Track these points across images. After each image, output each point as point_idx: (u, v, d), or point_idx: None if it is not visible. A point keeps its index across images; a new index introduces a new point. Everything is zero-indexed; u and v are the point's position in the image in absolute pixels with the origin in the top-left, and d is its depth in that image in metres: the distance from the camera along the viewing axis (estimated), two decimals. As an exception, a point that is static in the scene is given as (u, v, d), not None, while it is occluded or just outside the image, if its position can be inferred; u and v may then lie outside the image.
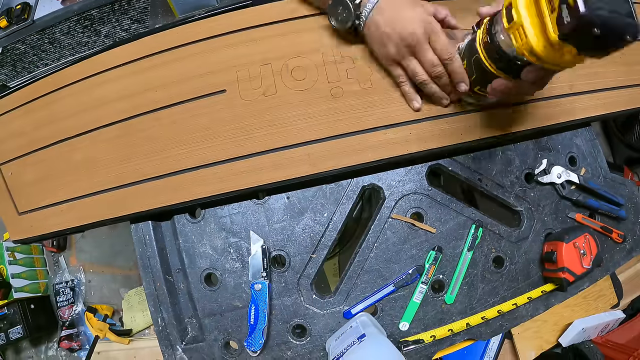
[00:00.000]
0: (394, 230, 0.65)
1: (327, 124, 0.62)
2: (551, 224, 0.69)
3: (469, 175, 0.67)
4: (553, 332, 0.92)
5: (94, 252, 1.83)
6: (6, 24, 1.38)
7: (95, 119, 0.66)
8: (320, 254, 0.64)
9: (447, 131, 0.63)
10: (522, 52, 0.43)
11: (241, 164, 0.62)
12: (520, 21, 0.41)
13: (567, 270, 0.62)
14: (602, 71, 0.71)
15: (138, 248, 0.64)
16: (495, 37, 0.47)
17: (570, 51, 0.39)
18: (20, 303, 1.58)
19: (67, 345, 1.66)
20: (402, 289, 0.64)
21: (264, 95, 0.63)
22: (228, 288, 0.64)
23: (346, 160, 0.62)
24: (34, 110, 0.70)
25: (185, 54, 0.65)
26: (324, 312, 0.64)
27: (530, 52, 0.42)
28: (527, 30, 0.41)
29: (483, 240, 0.66)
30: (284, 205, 0.65)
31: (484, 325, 0.65)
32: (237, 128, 0.62)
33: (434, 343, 0.64)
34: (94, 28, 1.43)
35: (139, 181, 0.63)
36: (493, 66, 0.51)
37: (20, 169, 0.70)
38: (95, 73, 0.68)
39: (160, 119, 0.64)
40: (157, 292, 0.63)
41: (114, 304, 1.76)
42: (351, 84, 0.63)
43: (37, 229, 0.68)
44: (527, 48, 0.42)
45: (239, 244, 0.64)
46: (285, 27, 0.65)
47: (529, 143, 0.70)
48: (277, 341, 0.63)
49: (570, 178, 0.68)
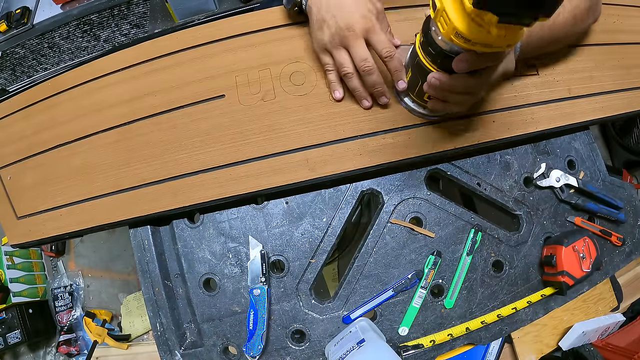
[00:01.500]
0: (393, 235, 0.65)
1: (325, 129, 0.62)
2: (550, 227, 0.69)
3: (468, 180, 0.68)
4: (553, 336, 0.91)
5: (93, 256, 1.83)
6: (6, 28, 1.38)
7: (94, 123, 0.66)
8: (319, 259, 0.64)
9: (445, 136, 0.63)
10: (450, 37, 0.41)
11: (240, 169, 0.62)
12: (441, 6, 0.40)
13: (567, 274, 0.62)
14: (600, 75, 0.72)
15: (137, 253, 0.64)
16: (430, 33, 0.46)
17: (491, 20, 0.36)
18: (18, 307, 1.57)
19: (65, 350, 1.65)
20: (402, 294, 0.64)
21: (262, 100, 0.63)
22: (227, 293, 0.64)
23: (345, 165, 0.62)
24: (33, 114, 0.70)
25: (184, 59, 0.66)
26: (323, 317, 0.63)
27: (456, 34, 0.40)
28: (449, 12, 0.39)
29: (482, 245, 0.66)
30: (283, 210, 0.65)
31: (484, 329, 0.65)
32: (236, 133, 0.62)
33: (433, 348, 0.64)
34: (94, 33, 1.43)
35: (138, 186, 0.63)
36: (433, 66, 0.49)
37: (19, 173, 0.70)
38: (95, 78, 0.68)
39: (160, 124, 0.64)
40: (155, 297, 0.63)
41: (113, 308, 1.75)
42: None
43: (36, 233, 0.67)
44: (452, 30, 0.40)
45: (238, 249, 0.64)
46: (284, 32, 0.66)
47: (528, 147, 0.70)
48: (276, 346, 0.63)
49: (569, 182, 0.68)
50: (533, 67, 0.69)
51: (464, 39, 0.40)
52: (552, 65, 0.70)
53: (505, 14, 0.34)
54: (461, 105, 0.55)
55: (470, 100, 0.54)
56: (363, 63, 0.56)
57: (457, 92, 0.51)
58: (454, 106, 0.55)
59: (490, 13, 0.35)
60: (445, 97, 0.53)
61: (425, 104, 0.59)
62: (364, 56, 0.56)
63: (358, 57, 0.56)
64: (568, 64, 0.71)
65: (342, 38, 0.56)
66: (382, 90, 0.60)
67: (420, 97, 0.58)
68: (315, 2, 0.57)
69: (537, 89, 0.68)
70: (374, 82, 0.58)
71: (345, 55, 0.57)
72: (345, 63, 0.57)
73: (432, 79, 0.49)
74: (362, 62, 0.56)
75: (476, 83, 0.50)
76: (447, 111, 0.60)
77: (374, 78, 0.58)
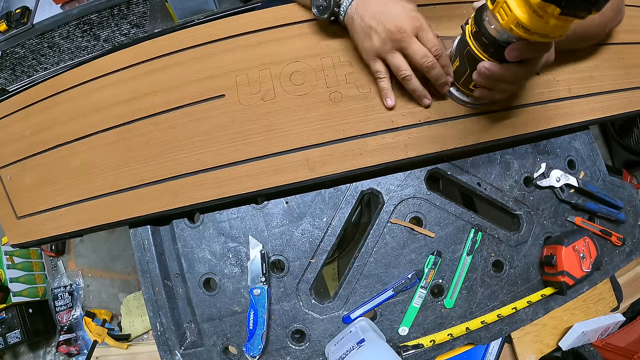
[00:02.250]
0: (393, 235, 0.65)
1: (325, 129, 0.62)
2: (550, 227, 0.69)
3: (468, 180, 0.67)
4: (553, 336, 0.91)
5: (93, 256, 1.83)
6: (6, 27, 1.38)
7: (94, 123, 0.66)
8: (320, 259, 0.64)
9: (445, 135, 0.63)
10: (510, 26, 0.43)
11: (240, 168, 0.62)
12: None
13: (567, 274, 0.62)
14: (600, 75, 0.72)
15: (137, 253, 0.64)
16: (482, 24, 0.49)
17: (553, 12, 0.39)
18: (18, 307, 1.57)
19: (65, 350, 1.65)
20: (402, 294, 0.64)
21: (262, 100, 0.63)
22: (227, 293, 0.64)
23: (345, 165, 0.62)
24: (33, 114, 0.70)
25: (184, 58, 0.66)
26: (323, 317, 0.63)
27: (517, 24, 0.42)
28: (510, 4, 0.42)
29: (482, 245, 0.66)
30: (283, 210, 0.65)
31: (484, 329, 0.65)
32: (236, 133, 0.62)
33: (433, 348, 0.64)
34: (93, 32, 1.43)
35: (138, 186, 0.63)
36: (484, 55, 0.51)
37: (19, 173, 0.70)
38: (94, 77, 0.68)
39: (159, 124, 0.64)
40: (155, 297, 0.63)
41: (113, 308, 1.75)
42: (350, 88, 0.64)
43: (36, 233, 0.67)
44: (513, 20, 0.42)
45: (238, 248, 0.64)
46: (284, 32, 0.66)
47: (528, 147, 0.70)
48: (276, 346, 0.63)
49: (569, 181, 0.68)
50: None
51: (524, 29, 0.42)
52: (552, 65, 0.69)
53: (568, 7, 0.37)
54: (505, 94, 0.57)
55: (515, 88, 0.56)
56: (425, 59, 0.56)
57: (505, 80, 0.52)
58: (499, 94, 0.56)
59: (553, 5, 0.38)
60: (494, 85, 0.54)
61: (471, 92, 0.60)
62: (424, 52, 0.56)
63: (419, 54, 0.56)
64: (568, 64, 0.71)
65: (395, 41, 0.56)
66: (446, 80, 0.60)
67: (466, 85, 0.59)
68: (357, 12, 0.57)
69: (537, 89, 0.68)
70: (438, 74, 0.58)
71: (400, 58, 0.58)
72: (403, 66, 0.58)
73: (482, 68, 0.51)
74: (424, 59, 0.56)
75: (524, 72, 0.51)
76: (491, 99, 0.61)
77: (437, 71, 0.58)
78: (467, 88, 0.59)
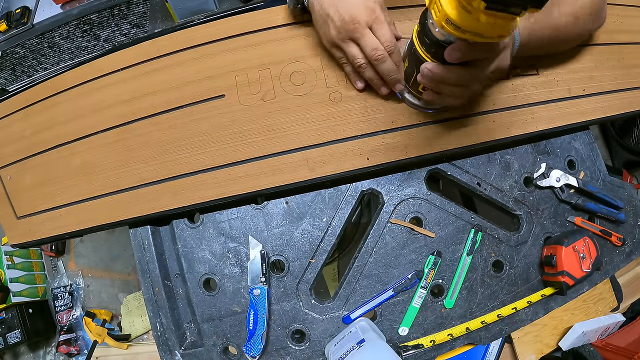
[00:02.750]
0: (393, 235, 0.65)
1: (325, 129, 0.62)
2: (550, 227, 0.69)
3: (468, 180, 0.67)
4: (553, 336, 0.91)
5: (93, 256, 1.83)
6: (6, 27, 1.38)
7: (94, 123, 0.66)
8: (320, 259, 0.64)
9: (445, 136, 0.63)
10: (441, 24, 0.42)
11: (240, 168, 0.62)
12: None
13: (567, 274, 0.62)
14: (600, 75, 0.72)
15: (137, 253, 0.64)
16: (426, 23, 0.47)
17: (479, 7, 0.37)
18: (18, 307, 1.57)
19: (65, 350, 1.65)
20: (402, 294, 0.64)
21: (262, 100, 0.63)
22: (227, 293, 0.64)
23: (345, 165, 0.62)
24: (33, 114, 0.70)
25: (184, 58, 0.66)
26: (323, 317, 0.63)
27: (447, 20, 0.41)
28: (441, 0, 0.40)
29: (482, 245, 0.66)
30: (283, 210, 0.65)
31: (484, 329, 0.65)
32: (236, 133, 0.62)
33: (433, 348, 0.64)
34: (93, 32, 1.43)
35: (138, 186, 0.63)
36: (427, 55, 0.50)
37: (19, 173, 0.70)
38: (94, 77, 0.68)
39: (159, 124, 0.64)
40: (155, 297, 0.63)
41: (113, 308, 1.75)
42: (350, 88, 0.64)
43: (36, 233, 0.67)
44: (443, 17, 0.41)
45: (238, 249, 0.64)
46: (284, 32, 0.66)
47: (528, 147, 0.70)
48: (276, 346, 0.63)
49: (569, 182, 0.68)
50: (533, 67, 0.69)
51: (454, 26, 0.40)
52: (552, 65, 0.70)
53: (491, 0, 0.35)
54: (455, 98, 0.55)
55: (463, 93, 0.54)
56: (374, 52, 0.55)
57: (449, 83, 0.51)
58: (448, 98, 0.55)
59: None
60: (439, 89, 0.53)
61: (421, 95, 0.58)
62: (374, 45, 0.55)
63: (368, 47, 0.55)
64: (568, 64, 0.71)
65: (348, 31, 0.55)
66: (397, 77, 0.58)
67: (415, 88, 0.58)
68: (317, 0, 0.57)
69: (537, 89, 0.68)
70: (388, 69, 0.57)
71: (354, 48, 0.57)
72: (357, 55, 0.57)
73: (424, 69, 0.50)
74: (373, 52, 0.55)
75: (469, 75, 0.50)
76: (442, 104, 0.60)
77: (387, 65, 0.56)
78: (417, 90, 0.58)
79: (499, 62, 0.51)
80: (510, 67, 0.56)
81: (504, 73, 0.56)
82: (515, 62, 0.58)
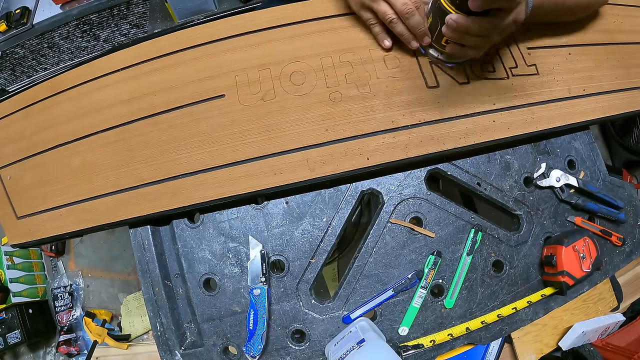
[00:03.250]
0: (393, 235, 0.65)
1: (325, 129, 0.62)
2: (550, 227, 0.69)
3: (468, 180, 0.67)
4: (553, 336, 0.91)
5: (93, 256, 1.83)
6: (5, 28, 1.38)
7: (93, 123, 0.66)
8: (320, 259, 0.64)
9: (445, 135, 0.63)
10: None
11: (240, 168, 0.62)
12: None
13: (567, 274, 0.62)
14: (600, 75, 0.72)
15: (137, 253, 0.64)
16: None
17: None
18: (18, 307, 1.57)
19: (65, 350, 1.65)
20: (402, 294, 0.64)
21: (262, 100, 0.63)
22: (227, 293, 0.64)
23: (345, 165, 0.62)
24: (33, 114, 0.70)
25: (184, 58, 0.66)
26: (323, 317, 0.63)
27: None
28: None
29: (482, 245, 0.66)
30: (283, 210, 0.65)
31: (484, 329, 0.65)
32: (236, 133, 0.62)
33: (433, 348, 0.64)
34: (93, 33, 1.43)
35: (138, 186, 0.63)
36: (452, 7, 0.53)
37: (19, 173, 0.70)
38: (94, 77, 0.68)
39: (159, 124, 0.64)
40: (155, 297, 0.63)
41: (113, 308, 1.75)
42: (350, 88, 0.64)
43: (36, 233, 0.67)
44: None
45: (238, 249, 0.64)
46: (284, 32, 0.66)
47: (528, 147, 0.70)
48: (276, 346, 0.63)
49: (569, 181, 0.68)
50: (533, 67, 0.69)
51: None
52: (552, 65, 0.70)
53: None
54: (476, 50, 0.60)
55: (484, 43, 0.58)
56: (404, 7, 0.59)
57: (472, 33, 0.55)
58: (470, 50, 0.59)
59: None
60: (462, 39, 0.56)
61: (444, 49, 0.61)
62: (404, 0, 0.59)
63: (399, 2, 0.59)
64: (568, 63, 0.71)
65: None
66: (425, 31, 0.62)
67: (439, 41, 0.60)
68: None
69: (537, 89, 0.68)
70: (417, 22, 0.60)
71: (384, 4, 0.61)
72: (388, 11, 0.61)
73: (449, 20, 0.53)
74: (403, 6, 0.59)
75: (490, 25, 0.54)
76: (464, 56, 0.62)
77: (416, 19, 0.60)
78: (440, 44, 0.61)
79: (516, 15, 0.55)
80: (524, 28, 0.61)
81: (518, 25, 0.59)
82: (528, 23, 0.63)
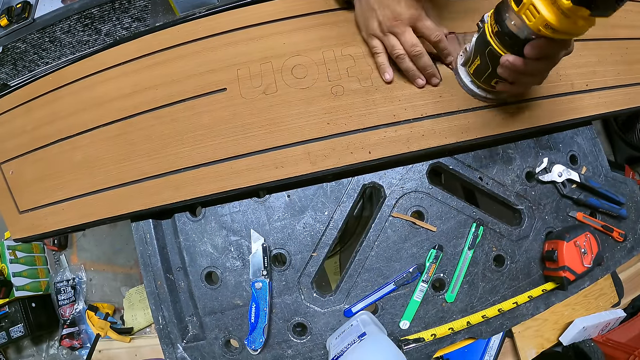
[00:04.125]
0: (395, 229, 0.65)
1: (327, 122, 0.62)
2: (552, 222, 0.69)
3: (470, 174, 0.67)
4: (554, 331, 0.92)
5: (95, 250, 1.83)
6: (7, 22, 1.38)
7: (95, 117, 0.66)
8: (321, 253, 0.64)
9: (447, 129, 0.63)
10: (538, 27, 0.45)
11: (241, 162, 0.62)
12: (529, 1, 0.44)
13: (568, 269, 0.62)
14: (603, 70, 0.71)
15: (139, 246, 0.64)
16: (505, 23, 0.50)
17: (583, 15, 0.41)
18: (21, 301, 1.58)
19: (68, 344, 1.66)
20: (403, 288, 0.64)
21: (264, 93, 0.63)
22: (229, 286, 0.64)
23: (347, 159, 0.62)
24: (35, 108, 0.70)
25: (185, 52, 0.65)
26: (324, 310, 0.64)
27: (546, 25, 0.44)
28: (538, 6, 0.43)
29: (484, 239, 0.66)
30: (285, 204, 0.65)
31: (485, 323, 0.65)
32: (238, 126, 0.62)
33: (434, 341, 0.64)
34: (95, 26, 1.43)
35: (140, 179, 0.63)
36: (504, 51, 0.53)
37: (21, 167, 0.70)
38: (96, 72, 0.68)
39: (161, 118, 0.64)
40: (158, 291, 0.63)
41: (115, 302, 1.77)
42: (352, 82, 0.63)
43: (38, 227, 0.68)
44: (542, 23, 0.44)
45: (240, 242, 0.64)
46: (286, 26, 0.65)
47: (530, 142, 0.70)
48: (278, 339, 0.63)
49: (571, 177, 0.68)
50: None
51: (552, 29, 0.44)
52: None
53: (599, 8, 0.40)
54: (526, 87, 0.61)
55: (536, 81, 0.58)
56: (413, 49, 0.60)
57: (527, 73, 0.54)
58: (520, 87, 0.59)
59: (584, 8, 0.40)
60: (515, 78, 0.56)
61: (492, 88, 0.62)
62: (413, 42, 0.59)
63: (408, 43, 0.59)
64: (571, 58, 0.70)
65: (390, 27, 0.59)
66: (433, 72, 0.63)
67: (488, 83, 0.61)
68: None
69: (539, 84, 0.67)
70: (425, 64, 0.61)
71: (395, 39, 0.60)
72: (396, 46, 0.60)
73: (506, 61, 0.53)
74: (412, 48, 0.60)
75: (545, 65, 0.54)
76: (512, 93, 0.63)
77: (424, 60, 0.61)
78: (489, 85, 0.61)
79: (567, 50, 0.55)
80: None
81: None
82: None
